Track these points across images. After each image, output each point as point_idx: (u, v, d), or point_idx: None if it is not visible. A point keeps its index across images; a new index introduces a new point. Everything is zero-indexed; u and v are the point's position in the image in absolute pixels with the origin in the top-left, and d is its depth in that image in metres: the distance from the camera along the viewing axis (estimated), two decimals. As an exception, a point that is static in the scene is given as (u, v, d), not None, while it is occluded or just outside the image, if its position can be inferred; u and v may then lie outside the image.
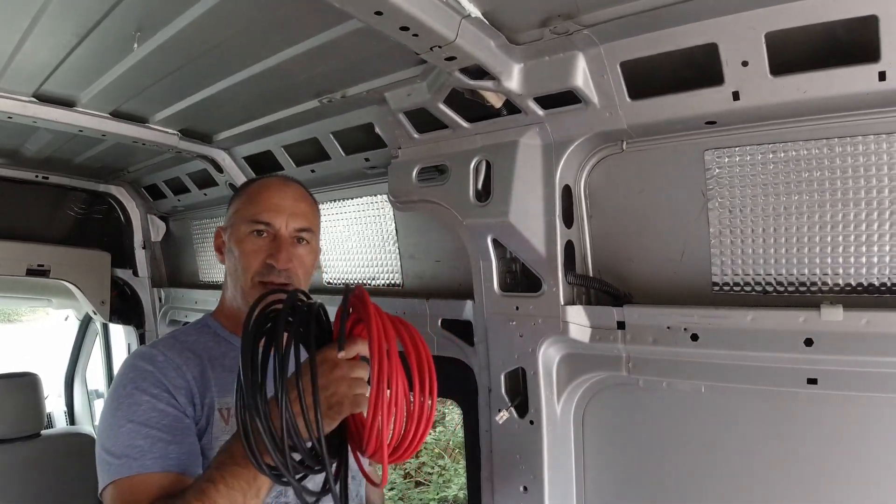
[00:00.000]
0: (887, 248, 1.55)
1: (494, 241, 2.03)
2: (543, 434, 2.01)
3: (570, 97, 1.74)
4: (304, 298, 1.38)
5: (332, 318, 1.37)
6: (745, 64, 1.48)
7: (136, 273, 4.08)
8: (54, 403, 5.35)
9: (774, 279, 1.71)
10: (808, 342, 1.56)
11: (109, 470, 1.47)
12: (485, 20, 1.55)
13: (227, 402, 1.64)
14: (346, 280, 2.94)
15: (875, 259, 1.57)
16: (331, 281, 3.03)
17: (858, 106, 1.49)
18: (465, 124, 1.99)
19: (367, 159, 2.45)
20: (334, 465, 1.29)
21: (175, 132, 2.66)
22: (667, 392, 1.84)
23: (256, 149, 2.77)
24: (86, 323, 5.21)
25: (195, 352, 1.70)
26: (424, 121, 2.08)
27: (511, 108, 1.88)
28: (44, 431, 3.52)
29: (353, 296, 1.31)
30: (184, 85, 2.18)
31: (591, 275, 2.00)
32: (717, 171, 1.75)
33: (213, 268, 3.86)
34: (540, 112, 1.83)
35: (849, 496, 1.61)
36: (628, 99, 1.69)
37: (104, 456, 1.49)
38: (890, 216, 1.54)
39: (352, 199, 2.81)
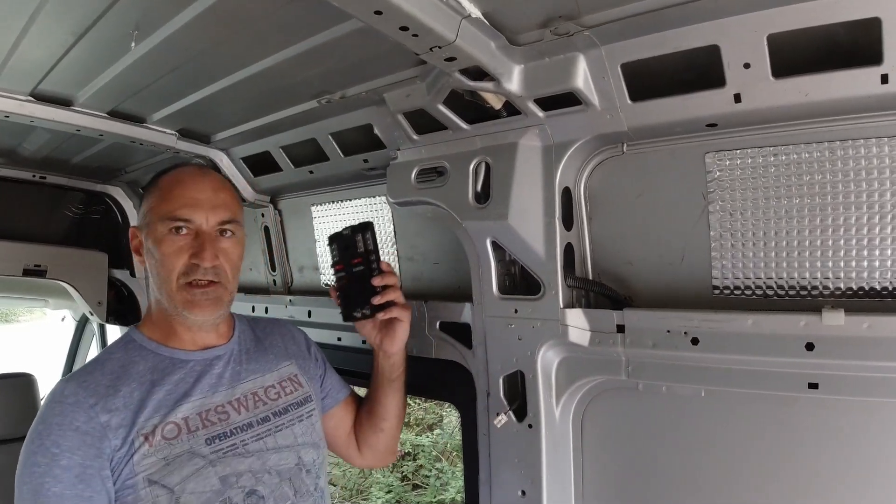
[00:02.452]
0: (889, 252, 1.54)
1: (493, 244, 2.02)
2: (542, 438, 2.00)
3: (570, 99, 1.73)
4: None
5: None
6: (746, 66, 1.47)
7: (133, 274, 4.06)
8: (50, 405, 5.33)
9: (775, 283, 1.70)
10: (810, 346, 1.55)
11: None
12: (485, 21, 1.54)
13: (152, 423, 1.61)
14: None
15: (877, 263, 1.56)
16: (328, 283, 3.02)
17: (861, 109, 1.48)
18: (464, 126, 1.98)
19: (365, 160, 2.43)
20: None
21: (173, 132, 2.64)
22: (667, 396, 1.83)
23: (255, 149, 2.76)
24: (82, 324, 5.19)
25: (117, 375, 1.65)
26: (424, 122, 2.07)
27: (511, 109, 1.86)
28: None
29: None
30: (182, 85, 2.16)
31: (590, 278, 1.99)
32: (718, 173, 1.74)
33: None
34: (540, 114, 1.82)
35: (850, 501, 1.59)
36: (629, 101, 1.67)
37: None
38: (892, 220, 1.53)
39: (350, 200, 2.80)
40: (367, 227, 1.87)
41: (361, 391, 2.31)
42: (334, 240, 1.89)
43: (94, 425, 1.55)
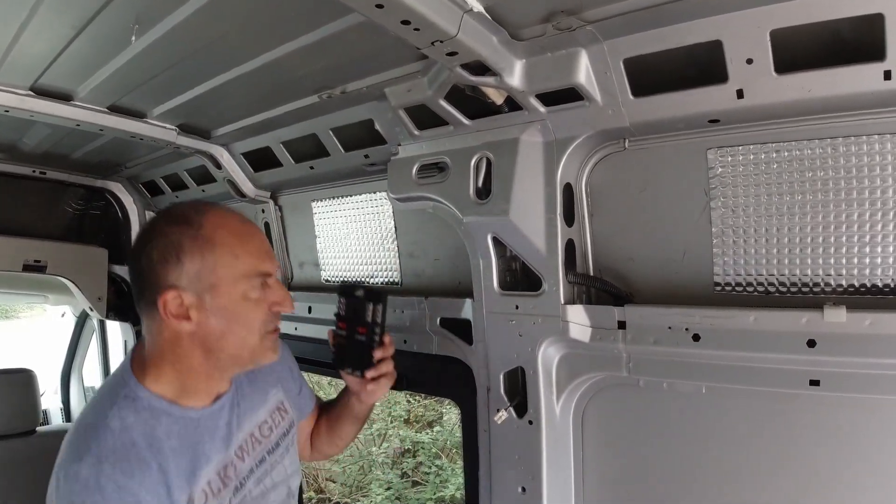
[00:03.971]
0: (891, 248, 1.54)
1: (494, 240, 2.01)
2: (542, 434, 2.00)
3: (572, 94, 1.72)
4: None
5: None
6: (749, 62, 1.46)
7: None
8: (50, 400, 5.34)
9: (777, 279, 1.69)
10: (811, 343, 1.54)
11: None
12: (487, 15, 1.54)
13: (184, 495, 1.52)
14: (344, 277, 2.93)
15: (879, 260, 1.56)
16: (328, 279, 3.02)
17: (863, 105, 1.48)
18: (465, 121, 1.98)
19: (366, 156, 2.43)
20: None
21: (173, 127, 2.64)
22: (667, 392, 1.83)
23: (255, 145, 2.75)
24: (82, 319, 5.20)
25: (140, 447, 1.49)
26: (425, 117, 2.06)
27: (512, 104, 1.86)
28: (39, 428, 3.50)
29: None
30: (182, 79, 2.16)
31: (591, 274, 1.99)
32: (720, 170, 1.73)
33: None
34: (542, 109, 1.81)
35: (851, 498, 1.59)
36: (631, 96, 1.67)
37: None
38: (894, 217, 1.52)
39: (351, 196, 2.80)
40: (380, 299, 1.81)
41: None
42: (344, 294, 1.83)
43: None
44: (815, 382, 1.58)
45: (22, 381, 3.47)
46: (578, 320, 1.90)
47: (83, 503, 1.40)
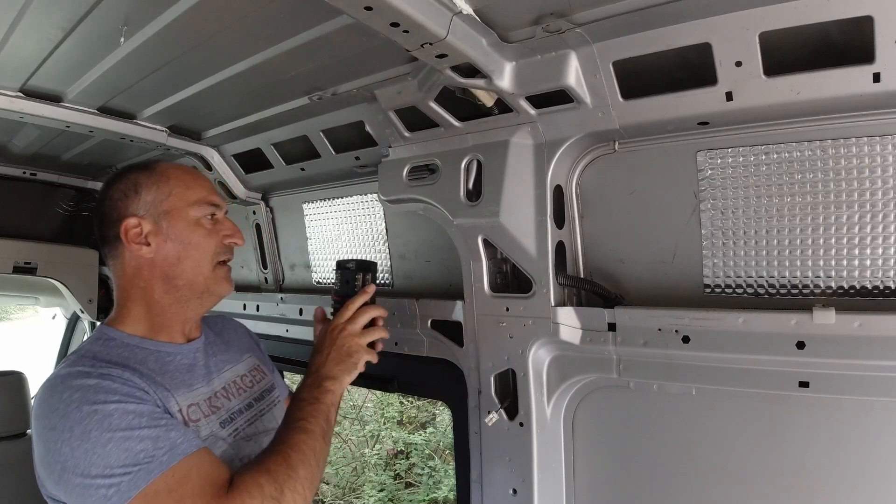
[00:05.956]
0: (880, 250, 1.55)
1: (485, 242, 2.01)
2: (533, 436, 2.00)
3: (562, 96, 1.73)
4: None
5: None
6: (738, 64, 1.47)
7: None
8: (41, 402, 5.30)
9: (766, 281, 1.70)
10: (800, 345, 1.55)
11: (121, 488, 1.32)
12: (476, 17, 1.54)
13: (175, 403, 1.56)
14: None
15: (868, 262, 1.56)
16: (320, 280, 3.01)
17: (852, 108, 1.48)
18: (456, 123, 1.98)
19: (357, 158, 2.43)
20: None
21: (163, 129, 2.63)
22: (657, 394, 1.83)
23: (246, 146, 2.75)
24: (73, 321, 5.16)
25: (117, 364, 1.52)
26: (415, 119, 2.06)
27: (503, 107, 1.86)
28: (30, 431, 3.48)
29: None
30: (172, 81, 2.15)
31: (582, 276, 1.99)
32: (710, 172, 1.74)
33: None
34: (532, 111, 1.81)
35: (840, 498, 1.60)
36: (621, 99, 1.67)
37: (98, 482, 1.32)
38: (883, 219, 1.53)
39: (342, 198, 2.80)
40: (368, 269, 1.87)
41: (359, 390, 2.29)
42: (339, 268, 1.89)
43: (144, 392, 1.48)
44: (804, 384, 1.59)
45: (13, 384, 3.45)
46: (569, 322, 1.90)
47: (62, 379, 1.45)
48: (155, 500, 1.33)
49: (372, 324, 1.79)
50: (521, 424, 2.02)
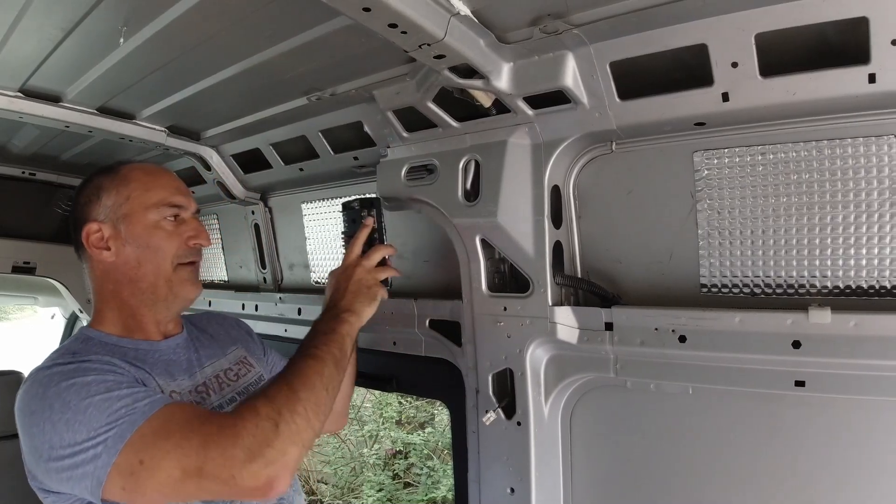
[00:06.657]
0: (876, 250, 1.55)
1: (483, 241, 2.02)
2: (531, 435, 2.00)
3: (559, 97, 1.74)
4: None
5: None
6: (734, 65, 1.48)
7: None
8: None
9: (763, 281, 1.71)
10: (796, 344, 1.55)
11: (108, 444, 1.32)
12: (474, 18, 1.54)
13: (170, 390, 1.62)
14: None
15: (864, 261, 1.57)
16: (318, 280, 3.02)
17: (848, 108, 1.49)
18: (454, 123, 1.99)
19: (355, 158, 2.44)
20: None
21: (162, 129, 2.64)
22: (654, 394, 1.84)
23: (245, 146, 2.75)
24: (72, 321, 5.17)
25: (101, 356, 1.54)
26: (413, 120, 2.07)
27: (500, 107, 1.87)
28: (26, 430, 3.48)
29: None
30: (171, 81, 2.16)
31: (579, 276, 2.00)
32: (706, 172, 1.74)
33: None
34: (529, 112, 1.82)
35: (836, 498, 1.60)
36: (618, 99, 1.68)
37: (84, 447, 1.33)
38: (879, 219, 1.54)
39: (340, 198, 2.79)
40: (372, 204, 1.96)
41: (358, 390, 2.29)
42: (344, 209, 1.95)
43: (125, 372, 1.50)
44: (800, 383, 1.59)
45: (11, 384, 3.45)
46: (566, 322, 1.91)
47: (41, 370, 1.50)
48: (142, 444, 1.33)
49: (383, 263, 1.91)
50: (519, 424, 2.02)
